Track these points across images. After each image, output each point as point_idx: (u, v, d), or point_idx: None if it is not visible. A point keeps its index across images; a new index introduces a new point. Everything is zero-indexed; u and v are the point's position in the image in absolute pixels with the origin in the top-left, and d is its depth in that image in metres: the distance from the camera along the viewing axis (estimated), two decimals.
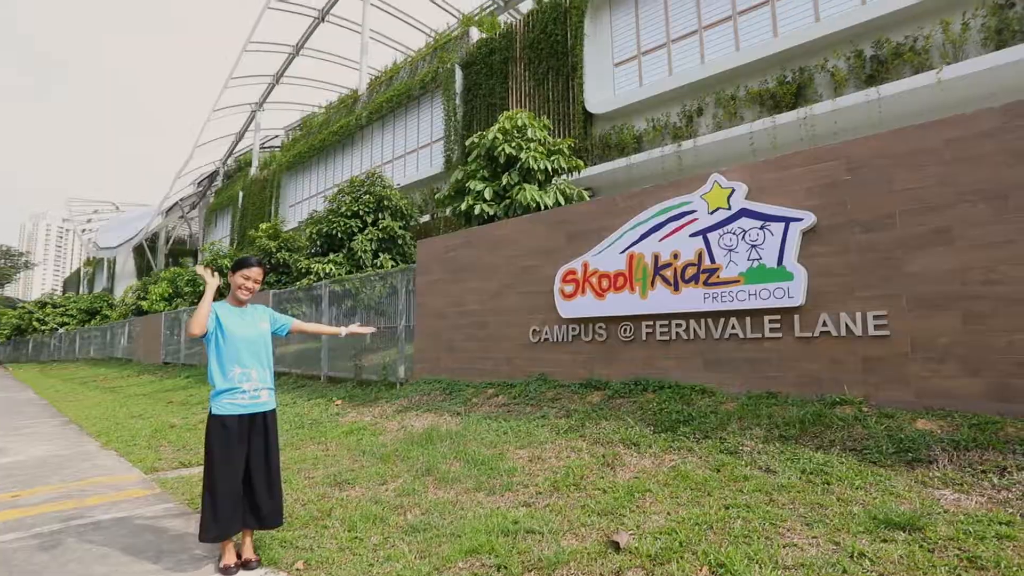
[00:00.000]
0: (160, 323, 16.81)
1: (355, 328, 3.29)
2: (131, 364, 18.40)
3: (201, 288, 15.42)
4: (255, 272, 2.78)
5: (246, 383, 2.62)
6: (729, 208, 4.31)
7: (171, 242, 36.51)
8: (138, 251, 36.11)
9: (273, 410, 2.76)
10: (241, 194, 23.74)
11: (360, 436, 5.16)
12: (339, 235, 10.31)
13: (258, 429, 2.65)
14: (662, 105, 9.35)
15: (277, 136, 28.91)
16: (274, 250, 12.86)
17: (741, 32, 8.68)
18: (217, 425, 2.56)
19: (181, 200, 33.83)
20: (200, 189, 32.74)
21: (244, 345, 2.66)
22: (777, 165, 4.24)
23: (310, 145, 18.74)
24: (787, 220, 4.05)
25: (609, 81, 10.11)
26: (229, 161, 29.76)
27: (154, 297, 19.09)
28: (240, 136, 28.05)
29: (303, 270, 10.59)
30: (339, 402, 7.05)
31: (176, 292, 18.68)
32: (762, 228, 4.14)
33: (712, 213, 4.39)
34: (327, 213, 10.81)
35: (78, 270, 53.59)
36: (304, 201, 19.54)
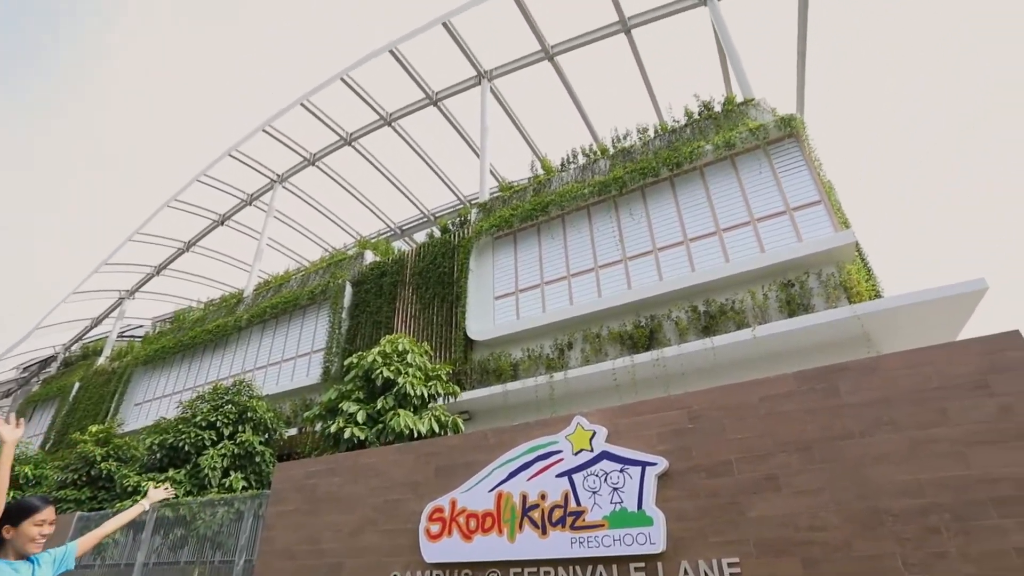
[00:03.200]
0: None
1: (160, 493, 2.75)
2: None
3: None
4: (50, 513, 2.34)
5: None
6: (592, 450, 4.55)
7: None
8: None
9: None
10: (77, 385, 20.73)
11: None
12: (186, 447, 9.09)
13: None
14: (537, 337, 10.29)
15: (142, 326, 26.85)
16: (99, 459, 10.88)
17: (602, 282, 10.24)
18: None
19: None
20: (25, 375, 28.26)
21: None
22: (631, 411, 4.68)
23: (178, 340, 17.52)
24: (643, 464, 4.33)
25: (490, 312, 11.08)
26: (75, 347, 26.58)
27: None
28: (97, 322, 25.72)
29: (130, 488, 8.96)
30: None
31: None
32: (622, 471, 4.37)
33: (576, 454, 4.59)
34: (177, 421, 9.66)
35: None
36: (156, 400, 17.45)
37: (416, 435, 6.76)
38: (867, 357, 4.24)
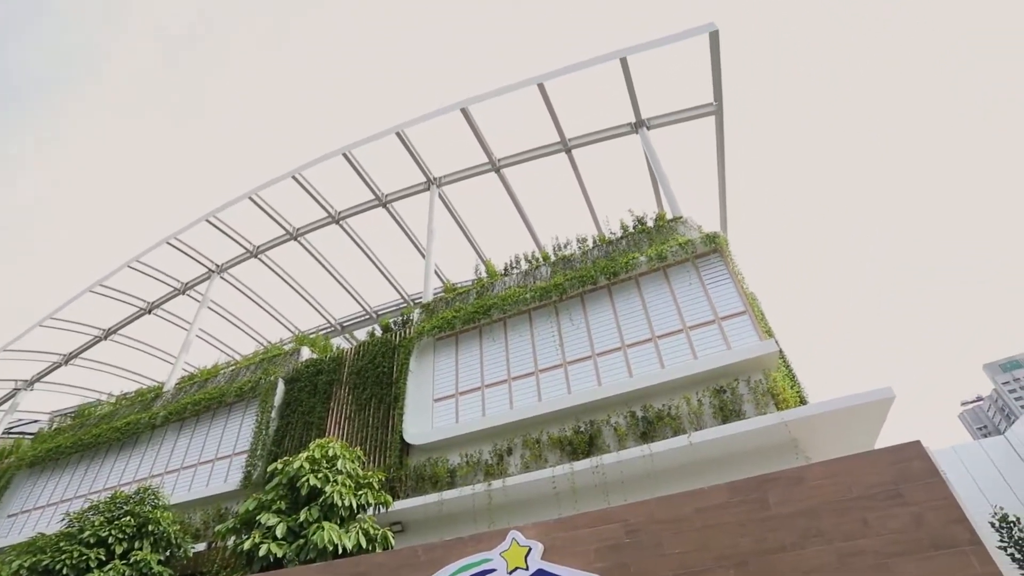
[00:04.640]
0: None
1: None
2: None
3: None
4: None
5: None
6: (527, 568, 4.33)
7: None
8: None
9: None
10: None
11: None
12: (64, 571, 7.83)
13: None
14: (476, 442, 9.99)
15: (37, 421, 24.04)
16: None
17: (542, 386, 10.26)
18: None
19: None
20: None
21: None
22: (568, 524, 4.55)
23: (78, 439, 15.70)
24: None
25: (428, 414, 10.76)
26: None
27: None
28: None
29: None
30: None
31: None
32: None
33: (511, 573, 4.35)
34: (58, 538, 8.37)
35: None
36: (37, 510, 15.24)
37: (342, 551, 6.20)
38: (794, 467, 4.39)
